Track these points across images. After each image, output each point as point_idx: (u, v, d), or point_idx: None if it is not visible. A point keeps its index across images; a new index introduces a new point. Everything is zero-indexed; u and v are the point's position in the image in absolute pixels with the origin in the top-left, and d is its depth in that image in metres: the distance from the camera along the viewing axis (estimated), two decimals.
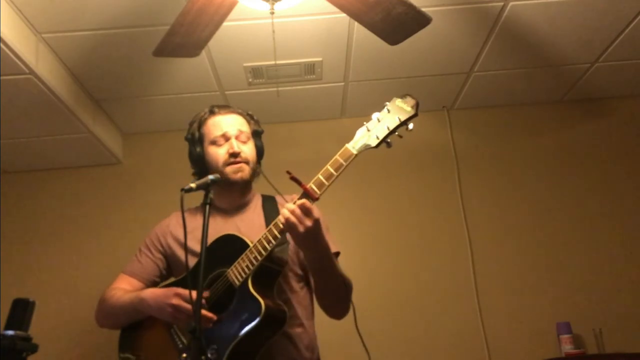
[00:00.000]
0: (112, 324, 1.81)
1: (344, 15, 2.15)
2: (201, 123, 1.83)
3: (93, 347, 2.96)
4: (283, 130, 3.44)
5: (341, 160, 1.58)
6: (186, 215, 1.82)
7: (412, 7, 2.01)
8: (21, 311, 1.29)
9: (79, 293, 3.07)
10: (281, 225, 1.53)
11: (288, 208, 1.51)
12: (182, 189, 1.48)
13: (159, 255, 1.83)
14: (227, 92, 3.09)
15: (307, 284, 1.83)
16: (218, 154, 1.77)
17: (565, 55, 2.95)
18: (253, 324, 1.51)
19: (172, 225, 1.86)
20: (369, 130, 1.62)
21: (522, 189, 3.33)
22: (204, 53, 2.55)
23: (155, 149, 3.40)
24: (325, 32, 2.63)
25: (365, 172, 3.28)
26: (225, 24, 2.11)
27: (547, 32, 2.73)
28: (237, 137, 1.78)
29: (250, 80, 2.96)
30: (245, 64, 2.83)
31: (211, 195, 1.52)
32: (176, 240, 1.81)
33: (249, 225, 1.77)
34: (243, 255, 1.59)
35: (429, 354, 3.03)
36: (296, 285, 1.77)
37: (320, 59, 2.85)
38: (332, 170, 1.57)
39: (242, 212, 1.83)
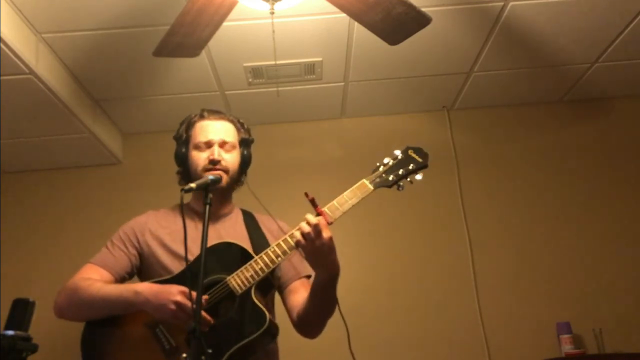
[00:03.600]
0: (83, 315, 1.68)
1: (344, 15, 2.15)
2: (190, 125, 1.82)
3: None
4: (283, 130, 3.44)
5: (358, 193, 1.66)
6: (163, 215, 1.84)
7: (412, 7, 2.01)
8: (21, 311, 1.29)
9: None
10: (295, 239, 1.55)
11: (309, 221, 1.53)
12: (182, 189, 1.48)
13: (134, 252, 1.76)
14: (227, 92, 3.09)
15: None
16: (199, 158, 1.76)
17: (565, 55, 2.95)
18: (256, 334, 1.54)
19: (150, 223, 1.81)
20: (384, 170, 1.72)
21: (522, 189, 3.33)
22: (204, 53, 2.54)
23: (155, 149, 3.40)
24: (325, 32, 2.63)
25: (364, 173, 3.27)
26: (225, 24, 2.11)
27: (547, 32, 2.73)
28: (220, 145, 1.77)
29: (250, 80, 2.96)
30: (245, 64, 2.83)
31: (211, 195, 1.52)
32: (156, 239, 1.76)
33: (232, 235, 1.76)
34: (247, 265, 1.60)
35: (429, 354, 3.03)
36: (270, 302, 1.80)
37: (320, 59, 2.85)
38: (347, 200, 1.64)
39: (223, 221, 1.82)
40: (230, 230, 1.80)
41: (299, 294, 1.76)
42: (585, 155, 3.39)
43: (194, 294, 1.49)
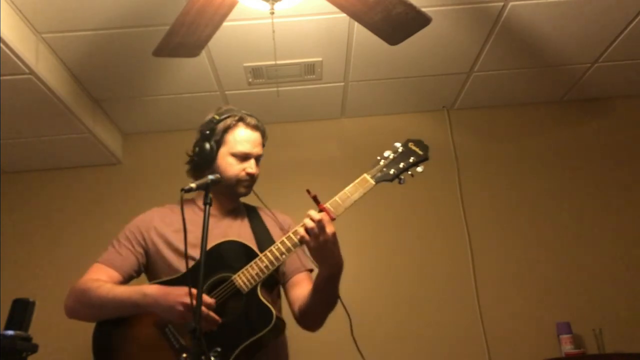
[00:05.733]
0: (93, 316, 1.69)
1: (344, 15, 2.15)
2: (228, 127, 1.80)
3: None
4: (283, 130, 3.44)
5: (360, 188, 1.66)
6: (166, 213, 1.84)
7: (412, 7, 2.01)
8: (21, 311, 1.29)
9: None
10: (299, 236, 1.57)
11: (313, 217, 1.54)
12: (182, 189, 1.49)
13: (140, 250, 1.77)
14: (227, 92, 3.09)
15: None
16: (235, 167, 1.78)
17: (565, 55, 2.95)
18: (263, 331, 1.56)
19: (155, 221, 1.81)
20: (385, 164, 1.72)
21: (522, 189, 3.33)
22: (204, 53, 2.54)
23: (155, 149, 3.40)
24: (325, 32, 2.63)
25: (364, 172, 3.27)
26: (225, 24, 2.11)
27: (547, 32, 2.73)
28: (255, 159, 1.82)
29: (250, 80, 2.96)
30: (245, 64, 2.83)
31: (211, 195, 1.51)
32: (161, 237, 1.77)
33: (237, 234, 1.78)
34: (252, 263, 1.62)
35: (429, 354, 3.03)
36: (276, 297, 1.82)
37: (320, 59, 2.85)
38: (349, 195, 1.64)
39: (229, 218, 1.83)
40: (234, 228, 1.81)
41: (301, 287, 1.77)
42: (585, 155, 3.39)
43: (202, 295, 1.51)
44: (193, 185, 1.51)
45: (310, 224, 1.53)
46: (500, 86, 3.25)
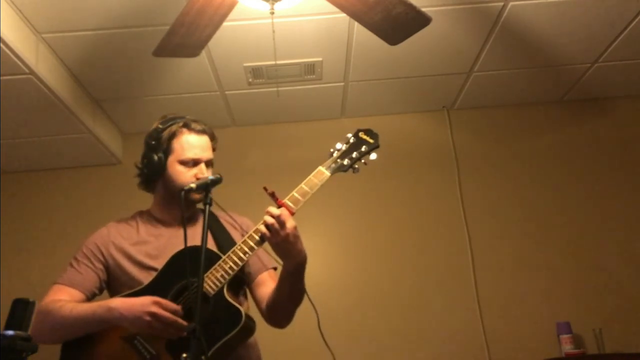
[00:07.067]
0: (58, 338, 1.66)
1: (344, 15, 2.15)
2: (173, 135, 1.78)
3: None
4: (283, 130, 3.44)
5: (315, 180, 1.68)
6: (123, 227, 1.83)
7: (412, 7, 2.01)
8: (21, 311, 1.28)
9: None
10: (260, 233, 1.57)
11: (272, 213, 1.55)
12: (182, 189, 1.49)
13: (100, 266, 1.75)
14: (227, 92, 3.09)
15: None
16: (186, 175, 1.75)
17: (565, 55, 2.95)
18: (233, 332, 1.55)
19: (112, 235, 1.79)
20: (338, 156, 1.76)
21: (522, 189, 3.33)
22: (204, 53, 2.54)
23: None
24: (325, 32, 2.63)
25: (365, 172, 3.27)
26: (225, 24, 2.11)
27: (547, 32, 2.73)
28: (206, 163, 1.78)
29: (250, 80, 2.96)
30: (245, 64, 2.83)
31: (210, 195, 1.52)
32: (120, 251, 1.76)
33: (197, 239, 1.71)
34: (216, 266, 1.61)
35: (429, 353, 3.03)
36: (243, 298, 1.82)
37: (320, 59, 2.85)
38: (307, 189, 1.66)
39: (188, 225, 1.80)
40: (195, 234, 1.77)
41: (267, 286, 1.78)
42: (585, 155, 3.39)
43: (167, 302, 1.51)
44: (193, 185, 1.52)
45: (270, 220, 1.54)
46: (500, 86, 3.25)
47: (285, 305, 1.71)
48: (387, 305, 3.11)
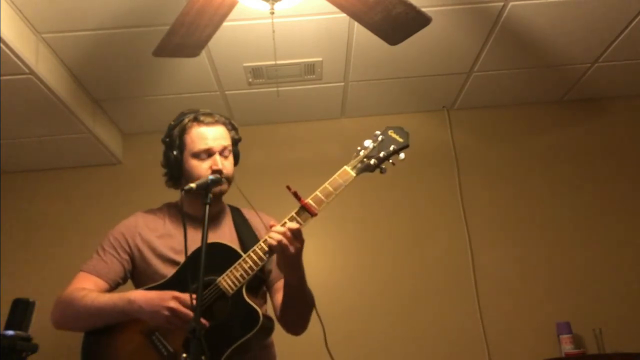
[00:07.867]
0: (79, 326, 1.69)
1: (344, 15, 2.15)
2: (183, 130, 1.78)
3: None
4: (283, 130, 3.44)
5: (340, 181, 1.63)
6: (150, 218, 1.82)
7: (412, 7, 2.01)
8: (21, 311, 1.29)
9: None
10: (271, 246, 1.56)
11: (278, 231, 1.53)
12: (182, 189, 1.49)
13: (126, 257, 1.75)
14: (227, 92, 3.09)
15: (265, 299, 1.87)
16: (200, 168, 1.73)
17: (565, 55, 2.95)
18: (251, 333, 1.55)
19: (139, 227, 1.79)
20: (365, 155, 1.69)
21: (522, 189, 3.33)
22: (204, 53, 2.54)
23: (155, 149, 3.34)
24: (325, 32, 2.63)
25: (363, 172, 3.27)
26: (225, 24, 2.11)
27: (547, 32, 2.73)
28: (220, 153, 1.76)
29: (250, 80, 2.96)
30: (245, 64, 2.83)
31: (210, 196, 1.51)
32: (146, 243, 1.75)
33: (221, 237, 1.76)
34: (236, 265, 1.60)
35: (429, 354, 3.03)
36: (262, 298, 1.81)
37: (320, 59, 2.85)
38: (331, 189, 1.61)
39: (213, 222, 1.80)
40: (219, 232, 1.79)
41: (281, 293, 1.76)
42: (585, 155, 3.39)
43: (187, 297, 1.50)
44: (193, 185, 1.51)
45: (277, 237, 1.52)
46: (500, 86, 3.25)
47: (294, 314, 1.71)
48: (386, 304, 3.11)
